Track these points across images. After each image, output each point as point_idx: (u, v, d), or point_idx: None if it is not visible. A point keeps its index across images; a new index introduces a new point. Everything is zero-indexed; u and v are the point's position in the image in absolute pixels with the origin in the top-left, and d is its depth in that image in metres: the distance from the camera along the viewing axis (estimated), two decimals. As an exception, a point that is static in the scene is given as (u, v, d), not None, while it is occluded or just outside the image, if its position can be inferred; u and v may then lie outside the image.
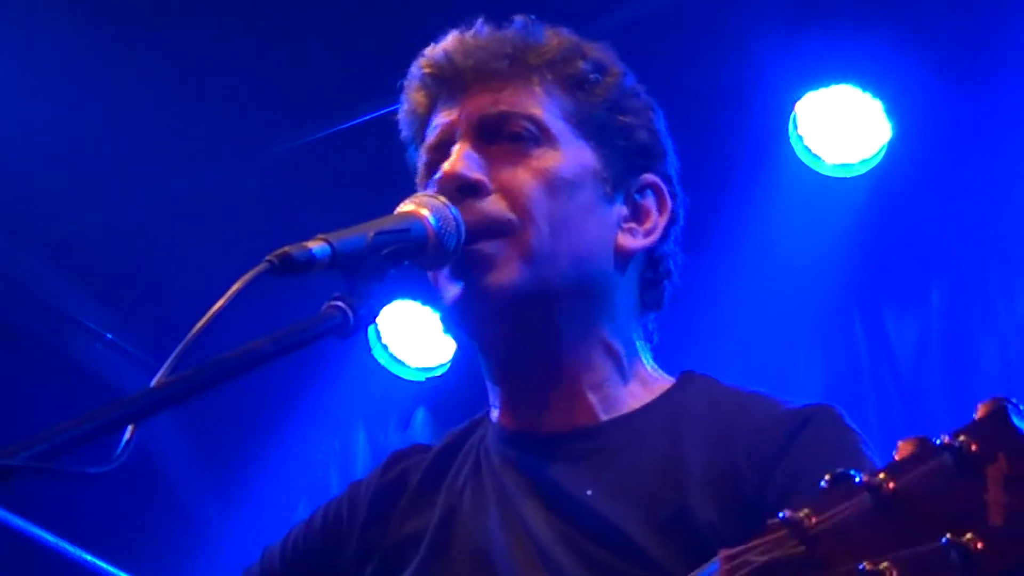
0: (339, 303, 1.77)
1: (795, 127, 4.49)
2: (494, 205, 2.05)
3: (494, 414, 2.17)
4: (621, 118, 2.16)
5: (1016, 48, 4.31)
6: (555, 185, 2.07)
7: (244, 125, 4.69)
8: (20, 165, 4.66)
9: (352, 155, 4.74)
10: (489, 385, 2.17)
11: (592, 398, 2.09)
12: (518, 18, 2.18)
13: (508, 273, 2.03)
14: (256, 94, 4.60)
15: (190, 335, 1.64)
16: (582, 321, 2.09)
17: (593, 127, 2.14)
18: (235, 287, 1.68)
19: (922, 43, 4.29)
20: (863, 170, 4.52)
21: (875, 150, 4.48)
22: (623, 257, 2.13)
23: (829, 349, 4.88)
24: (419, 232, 1.93)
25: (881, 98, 4.38)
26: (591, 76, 2.16)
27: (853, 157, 4.51)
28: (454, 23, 2.18)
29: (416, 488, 2.17)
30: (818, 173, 4.54)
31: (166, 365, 1.60)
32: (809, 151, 4.51)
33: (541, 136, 2.10)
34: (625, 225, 2.14)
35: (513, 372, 2.13)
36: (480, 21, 2.17)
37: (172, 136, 4.69)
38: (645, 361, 2.17)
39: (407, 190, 2.06)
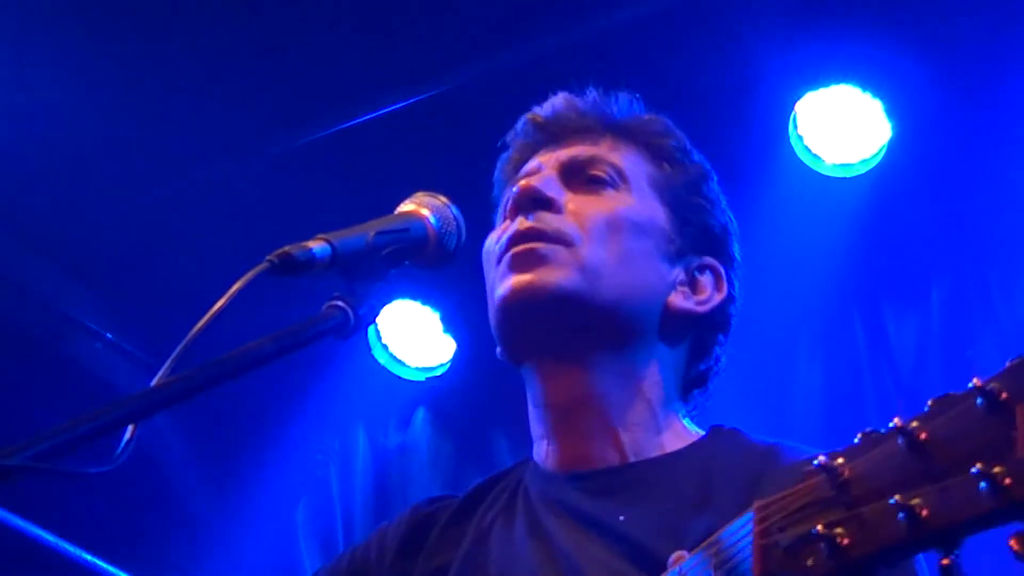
0: (339, 303, 1.78)
1: (795, 127, 4.49)
2: (562, 221, 2.17)
3: (536, 450, 2.23)
4: (697, 199, 2.30)
5: (1016, 48, 4.31)
6: (621, 223, 2.19)
7: (244, 125, 4.69)
8: (20, 165, 4.66)
9: (352, 155, 4.73)
10: (531, 411, 2.23)
11: (624, 438, 2.15)
12: (623, 93, 2.36)
13: (562, 273, 2.12)
14: (256, 94, 4.60)
15: (190, 335, 1.65)
16: (618, 354, 2.17)
17: (671, 196, 2.28)
18: (235, 287, 1.69)
19: (921, 43, 4.28)
20: (863, 170, 4.51)
21: (875, 150, 4.48)
22: (672, 315, 2.22)
23: (829, 349, 4.88)
24: (419, 232, 1.95)
25: (881, 98, 4.38)
26: (677, 155, 2.32)
27: (853, 157, 4.51)
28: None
29: (445, 524, 2.23)
30: (818, 173, 4.54)
31: (166, 365, 1.61)
32: (809, 151, 4.51)
33: (619, 182, 2.24)
34: (680, 288, 2.24)
35: (548, 387, 2.18)
36: (590, 87, 2.36)
37: (172, 136, 4.68)
38: (681, 419, 2.24)
39: (407, 190, 2.06)
